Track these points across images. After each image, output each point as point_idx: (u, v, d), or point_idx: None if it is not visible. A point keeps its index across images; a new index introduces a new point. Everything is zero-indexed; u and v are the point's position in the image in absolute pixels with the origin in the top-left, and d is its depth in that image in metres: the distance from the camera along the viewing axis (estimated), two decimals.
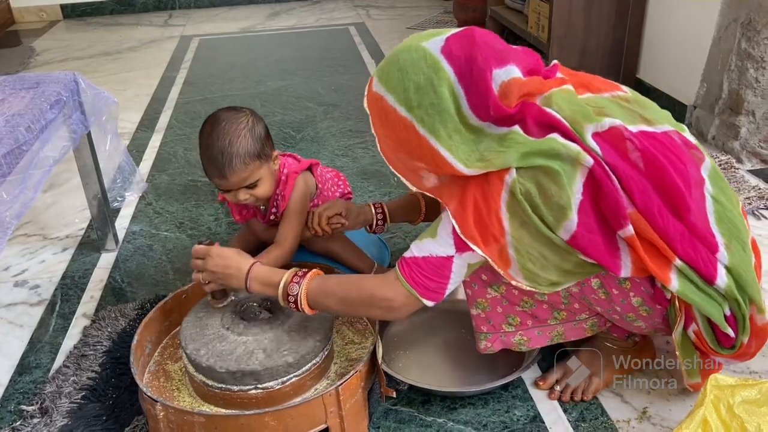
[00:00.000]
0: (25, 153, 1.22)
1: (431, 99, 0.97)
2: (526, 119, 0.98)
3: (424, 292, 1.03)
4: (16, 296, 1.59)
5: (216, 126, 1.24)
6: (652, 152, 0.97)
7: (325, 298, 1.10)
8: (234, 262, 1.15)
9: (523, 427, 1.14)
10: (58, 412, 1.20)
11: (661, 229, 0.97)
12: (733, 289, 1.00)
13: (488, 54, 0.97)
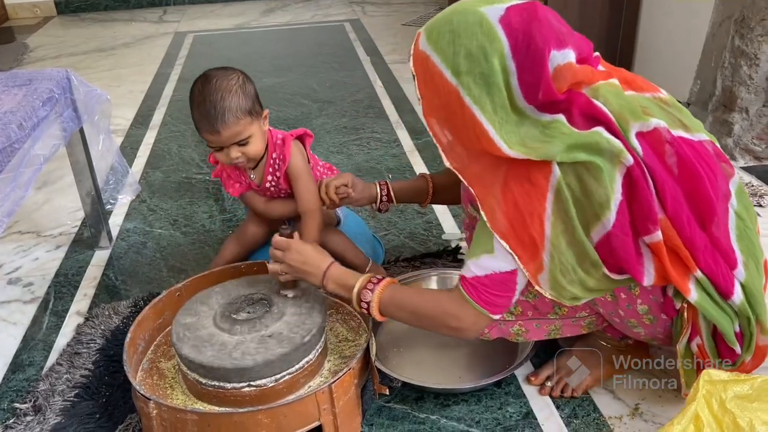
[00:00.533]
0: (17, 151, 1.22)
1: (482, 68, 0.95)
2: (572, 109, 0.96)
3: (494, 309, 1.04)
4: (10, 294, 1.58)
5: (207, 82, 1.24)
6: (689, 159, 0.96)
7: (396, 309, 1.11)
8: (313, 260, 1.16)
9: (516, 424, 1.14)
10: (51, 410, 1.20)
11: (688, 238, 0.96)
12: (746, 307, 1.00)
13: (549, 33, 0.94)
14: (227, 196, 1.95)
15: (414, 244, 1.68)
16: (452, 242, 1.65)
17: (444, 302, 1.08)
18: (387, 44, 3.57)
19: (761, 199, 1.78)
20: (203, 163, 2.22)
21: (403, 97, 2.72)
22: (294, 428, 1.06)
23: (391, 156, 2.16)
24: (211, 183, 2.06)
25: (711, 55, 2.08)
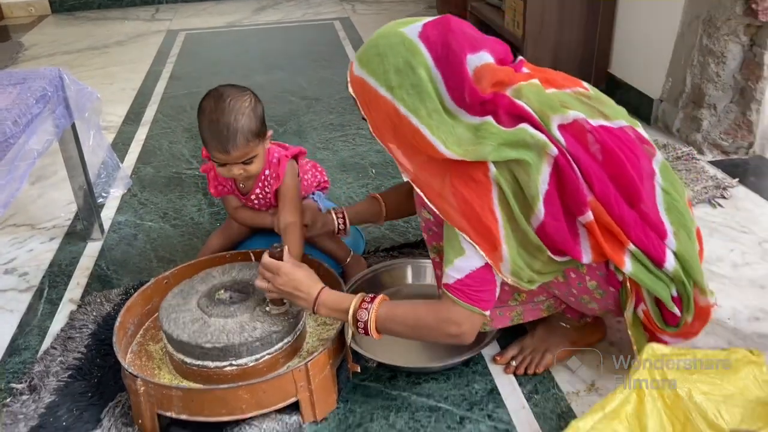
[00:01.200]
0: (12, 146, 1.29)
1: (411, 80, 1.04)
2: (498, 110, 1.05)
3: (483, 305, 1.09)
4: (6, 283, 1.65)
5: (221, 101, 1.28)
6: (610, 145, 1.05)
7: (393, 325, 1.14)
8: (304, 287, 1.17)
9: (481, 399, 1.22)
10: (46, 390, 1.28)
11: (617, 216, 1.05)
12: (679, 272, 1.08)
13: (463, 40, 1.04)
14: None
15: (394, 235, 1.76)
16: None
17: (438, 311, 1.11)
18: None
19: (725, 192, 1.86)
20: (193, 159, 2.29)
21: None
22: (273, 403, 1.14)
23: (375, 152, 2.23)
24: (200, 178, 2.14)
25: (681, 54, 2.16)
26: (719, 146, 2.11)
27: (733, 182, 1.91)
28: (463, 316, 1.09)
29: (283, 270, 1.18)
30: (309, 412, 1.17)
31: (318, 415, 1.18)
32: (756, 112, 2.03)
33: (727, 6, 1.94)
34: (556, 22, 2.49)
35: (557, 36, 2.52)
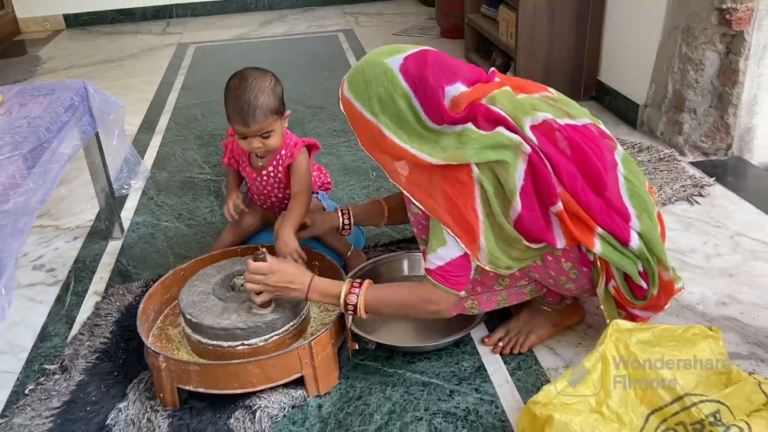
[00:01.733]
0: (46, 150, 1.44)
1: (392, 109, 1.20)
2: (477, 117, 1.20)
3: (459, 287, 1.25)
4: (35, 278, 1.80)
5: (244, 81, 1.45)
6: (576, 141, 1.21)
7: (381, 306, 1.30)
8: (296, 278, 1.30)
9: (469, 375, 1.35)
10: (75, 370, 1.42)
11: (585, 203, 1.20)
12: (644, 250, 1.23)
13: (439, 74, 1.20)
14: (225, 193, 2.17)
15: (392, 232, 1.89)
16: None
17: (419, 293, 1.27)
18: None
19: (702, 190, 1.99)
20: (205, 164, 2.44)
21: None
22: (280, 378, 1.27)
23: None
24: (212, 181, 2.28)
25: (663, 62, 2.29)
26: (700, 148, 2.24)
27: (710, 181, 2.04)
28: (442, 297, 1.25)
29: (275, 268, 1.30)
30: (313, 386, 1.30)
31: (321, 390, 1.31)
32: (733, 115, 2.16)
33: (703, 16, 2.07)
34: (547, 33, 2.63)
35: (548, 45, 2.66)
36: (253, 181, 1.65)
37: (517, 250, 1.22)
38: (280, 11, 5.09)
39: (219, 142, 2.63)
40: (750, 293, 1.54)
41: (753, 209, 1.90)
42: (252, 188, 1.69)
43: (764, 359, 1.34)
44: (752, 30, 2.03)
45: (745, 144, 2.22)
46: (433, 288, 1.25)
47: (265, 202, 1.69)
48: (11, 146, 1.34)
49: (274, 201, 1.67)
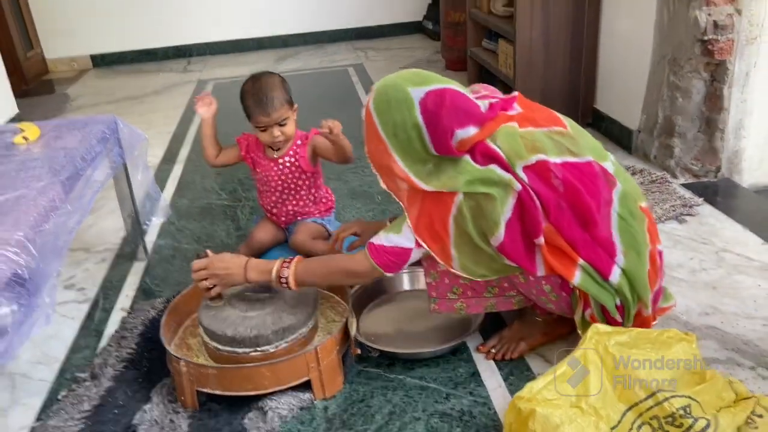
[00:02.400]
0: (81, 177, 1.60)
1: (403, 135, 1.33)
2: (475, 151, 1.32)
3: (387, 269, 1.39)
4: (67, 296, 1.95)
5: (258, 81, 1.74)
6: (569, 179, 1.30)
7: (310, 277, 1.45)
8: (232, 263, 1.48)
9: (465, 380, 1.46)
10: (105, 377, 1.55)
11: (569, 237, 1.30)
12: (623, 286, 1.33)
13: (453, 117, 1.30)
14: (241, 218, 2.32)
15: None
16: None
17: (346, 265, 1.44)
18: None
19: (691, 209, 2.10)
20: (222, 191, 2.60)
21: None
22: (289, 380, 1.40)
23: None
24: (229, 207, 2.43)
25: (653, 90, 2.42)
26: (690, 170, 2.35)
27: (699, 201, 2.14)
28: (368, 271, 1.40)
29: (213, 258, 1.49)
30: (319, 389, 1.42)
31: (327, 393, 1.43)
32: (721, 139, 2.28)
33: (687, 47, 2.21)
34: (543, 64, 2.78)
35: (545, 76, 2.81)
36: (269, 172, 1.83)
37: (498, 263, 1.34)
38: (294, 48, 5.32)
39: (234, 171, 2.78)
40: (731, 304, 1.64)
41: (739, 227, 2.00)
42: (265, 181, 1.85)
43: (741, 363, 1.44)
44: (734, 59, 2.16)
45: (734, 166, 2.33)
46: (363, 260, 1.39)
47: (280, 196, 1.84)
48: (51, 173, 1.51)
49: (287, 193, 1.83)
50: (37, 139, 1.80)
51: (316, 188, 1.89)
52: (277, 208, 1.86)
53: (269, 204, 1.87)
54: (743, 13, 2.10)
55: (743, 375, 1.40)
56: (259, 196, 1.91)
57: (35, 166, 1.58)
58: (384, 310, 1.71)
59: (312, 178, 1.86)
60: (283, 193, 1.83)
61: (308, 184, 1.86)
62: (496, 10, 3.24)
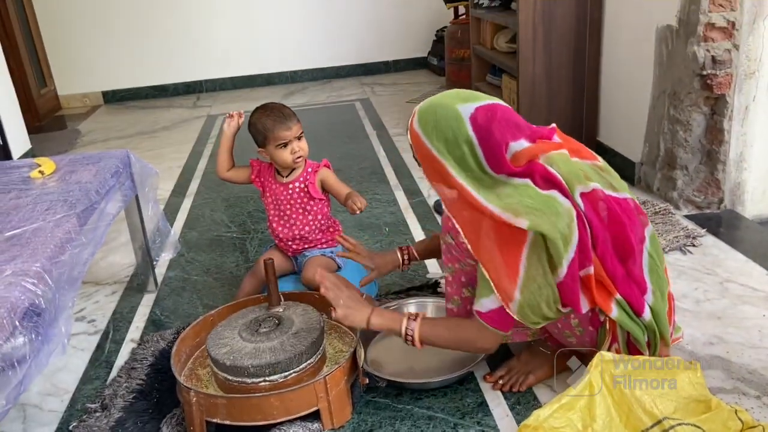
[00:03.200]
0: (95, 210, 1.64)
1: (457, 152, 1.30)
2: (535, 175, 1.30)
3: (507, 328, 1.36)
4: (77, 328, 1.97)
5: (269, 104, 1.85)
6: (616, 211, 1.31)
7: (434, 338, 1.43)
8: (359, 304, 1.47)
9: (473, 410, 1.47)
10: (115, 408, 1.56)
11: (610, 270, 1.31)
12: (653, 323, 1.35)
13: (505, 130, 1.30)
14: (250, 250, 2.35)
15: (403, 281, 2.04)
16: (434, 279, 2.01)
17: (470, 333, 1.39)
18: (392, 119, 4.04)
19: (695, 240, 2.12)
20: (231, 224, 2.64)
21: (402, 165, 3.15)
22: (298, 410, 1.41)
23: (389, 213, 2.56)
24: (238, 239, 2.47)
25: (654, 123, 2.47)
26: (693, 202, 2.38)
27: (702, 232, 2.17)
28: (490, 337, 1.38)
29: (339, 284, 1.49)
30: (328, 419, 1.43)
31: (335, 423, 1.43)
32: (722, 171, 2.31)
33: (687, 82, 2.26)
34: (546, 98, 2.85)
35: (548, 110, 2.87)
36: (278, 196, 1.89)
37: (551, 311, 1.31)
38: (302, 83, 5.43)
39: (244, 204, 2.84)
40: (736, 334, 1.65)
41: (742, 258, 2.02)
42: (275, 205, 1.90)
43: (746, 393, 1.44)
44: (733, 93, 2.21)
45: (737, 198, 2.36)
46: (483, 328, 1.35)
47: (288, 220, 1.89)
48: (67, 207, 1.55)
49: (295, 218, 1.89)
50: (52, 173, 1.85)
51: (324, 216, 1.93)
52: (284, 233, 1.90)
53: (278, 229, 1.91)
54: (741, 48, 2.15)
55: (749, 404, 1.40)
56: (269, 223, 1.96)
57: (51, 200, 1.62)
58: (391, 340, 1.72)
59: (320, 205, 1.90)
60: (291, 217, 1.88)
61: (316, 210, 1.90)
62: (500, 47, 3.33)
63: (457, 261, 1.42)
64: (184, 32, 5.25)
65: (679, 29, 2.25)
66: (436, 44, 5.19)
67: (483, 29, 3.51)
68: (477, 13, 3.46)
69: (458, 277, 1.44)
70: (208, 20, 5.24)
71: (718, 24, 2.13)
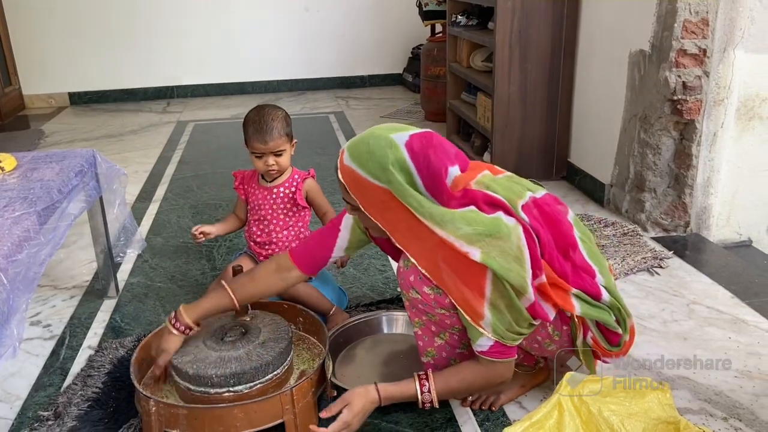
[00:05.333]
0: (56, 209, 1.58)
1: (396, 178, 1.27)
2: (478, 201, 1.30)
3: (514, 353, 1.34)
4: (32, 333, 1.88)
5: (262, 110, 1.79)
6: (547, 212, 1.35)
7: (452, 393, 1.41)
8: (367, 403, 1.35)
9: (441, 425, 1.44)
10: (68, 417, 1.49)
11: (559, 269, 1.33)
12: (613, 300, 1.37)
13: (443, 156, 1.31)
14: (218, 258, 2.29)
15: (373, 294, 2.01)
16: None
17: (483, 374, 1.35)
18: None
19: (661, 262, 2.15)
20: None
21: None
22: (262, 423, 1.36)
23: None
24: (205, 247, 2.41)
25: (624, 146, 2.50)
26: (660, 224, 2.41)
27: (669, 254, 2.20)
28: (505, 368, 1.35)
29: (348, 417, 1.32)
30: None
31: None
32: (689, 195, 2.35)
33: (657, 107, 2.30)
34: (520, 118, 2.87)
35: (521, 129, 2.89)
36: (261, 200, 1.85)
37: (524, 329, 1.30)
38: (275, 94, 5.38)
39: (212, 211, 2.78)
40: (702, 355, 1.66)
41: (708, 280, 2.05)
42: (256, 210, 1.87)
43: (713, 414, 1.45)
44: (702, 119, 2.26)
45: (703, 222, 2.40)
46: (494, 365, 1.33)
47: (268, 225, 1.86)
48: (27, 204, 1.48)
49: (275, 223, 1.85)
50: (13, 170, 1.77)
51: (305, 226, 1.90)
52: (261, 237, 1.87)
53: (256, 233, 1.87)
54: (711, 75, 2.21)
55: (716, 426, 1.41)
56: (248, 227, 1.91)
57: (10, 196, 1.56)
58: (360, 352, 1.69)
59: (301, 213, 1.87)
60: (272, 222, 1.85)
61: (296, 218, 1.87)
62: (476, 65, 3.35)
63: (424, 314, 1.37)
64: (157, 36, 5.17)
65: (652, 54, 2.29)
66: (412, 61, 5.22)
67: (459, 47, 3.53)
68: (454, 31, 3.49)
69: (428, 329, 1.40)
70: (181, 25, 5.17)
71: (689, 51, 2.18)
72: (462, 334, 1.36)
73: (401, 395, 1.38)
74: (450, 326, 1.36)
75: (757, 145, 2.32)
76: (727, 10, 2.16)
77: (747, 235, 2.43)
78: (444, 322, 1.35)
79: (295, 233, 1.88)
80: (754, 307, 1.88)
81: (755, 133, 2.30)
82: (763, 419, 1.42)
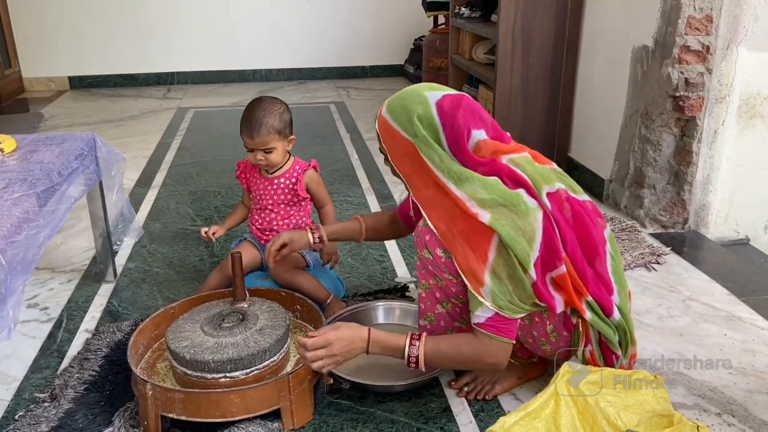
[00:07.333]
0: (56, 191, 1.57)
1: (422, 132, 1.32)
2: (502, 175, 1.32)
3: (512, 335, 1.33)
4: (29, 315, 1.88)
5: (259, 103, 1.75)
6: (580, 213, 1.34)
7: (439, 358, 1.37)
8: (355, 336, 1.35)
9: (436, 415, 1.45)
10: (65, 399, 1.49)
11: (581, 272, 1.32)
12: (623, 323, 1.36)
13: (469, 118, 1.32)
14: (216, 244, 2.29)
15: (371, 284, 2.01)
16: (402, 283, 1.99)
17: (476, 347, 1.33)
18: (366, 123, 4.02)
19: (659, 258, 2.15)
20: (197, 217, 2.57)
21: (375, 168, 3.13)
22: (259, 409, 1.36)
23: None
24: None
25: (625, 142, 2.50)
26: (659, 221, 2.42)
27: (666, 250, 2.20)
28: (498, 348, 1.33)
29: (332, 337, 1.33)
30: (289, 419, 1.39)
31: (296, 423, 1.40)
32: (689, 192, 2.35)
33: (659, 103, 2.30)
34: (521, 111, 2.87)
35: (522, 122, 2.89)
36: (262, 190, 1.85)
37: (526, 304, 1.30)
38: (276, 82, 5.37)
39: (211, 198, 2.78)
40: (697, 351, 1.67)
41: (705, 277, 2.05)
42: (258, 200, 1.87)
43: (707, 410, 1.46)
44: (703, 116, 2.26)
45: (701, 219, 2.40)
46: (488, 339, 1.32)
47: (269, 214, 1.85)
48: (27, 186, 1.48)
49: (276, 212, 1.85)
50: (12, 152, 1.77)
51: (306, 216, 1.90)
52: (261, 224, 1.87)
53: (258, 220, 1.88)
54: (714, 72, 2.20)
55: (709, 421, 1.42)
56: (250, 215, 1.91)
57: (10, 178, 1.55)
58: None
59: (302, 203, 1.87)
60: (273, 212, 1.85)
61: (297, 209, 1.87)
62: (478, 58, 3.34)
63: (432, 276, 1.39)
64: (158, 21, 5.14)
65: (655, 50, 2.29)
66: (414, 52, 5.20)
67: (462, 39, 3.52)
68: (457, 23, 3.48)
69: (432, 293, 1.41)
70: (182, 10, 5.15)
71: (693, 47, 2.18)
72: (464, 307, 1.37)
73: (389, 345, 1.37)
74: (454, 295, 1.37)
75: (757, 144, 2.32)
76: (731, 7, 2.15)
77: (745, 233, 2.44)
78: (449, 290, 1.36)
79: (296, 223, 1.88)
80: (750, 304, 1.89)
81: (756, 132, 2.31)
82: (757, 416, 1.43)
